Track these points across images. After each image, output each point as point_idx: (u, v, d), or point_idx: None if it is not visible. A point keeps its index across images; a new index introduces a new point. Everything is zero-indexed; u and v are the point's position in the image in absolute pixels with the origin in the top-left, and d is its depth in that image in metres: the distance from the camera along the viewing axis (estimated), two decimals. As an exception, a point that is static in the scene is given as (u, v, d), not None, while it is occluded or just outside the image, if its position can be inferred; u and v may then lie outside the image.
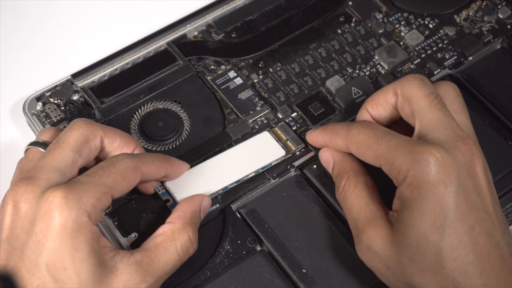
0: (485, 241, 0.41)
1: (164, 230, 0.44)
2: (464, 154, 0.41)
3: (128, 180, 0.43)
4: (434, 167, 0.40)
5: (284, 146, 0.51)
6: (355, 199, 0.44)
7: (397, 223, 0.42)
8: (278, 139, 0.52)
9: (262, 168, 0.50)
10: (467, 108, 0.44)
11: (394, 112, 0.46)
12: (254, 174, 0.50)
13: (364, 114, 0.47)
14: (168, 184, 0.48)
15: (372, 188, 0.45)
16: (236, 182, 0.49)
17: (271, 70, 0.56)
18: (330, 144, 0.47)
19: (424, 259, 0.40)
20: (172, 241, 0.44)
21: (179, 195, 0.48)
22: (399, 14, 0.59)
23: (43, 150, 0.45)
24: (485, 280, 0.40)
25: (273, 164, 0.50)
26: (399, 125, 0.47)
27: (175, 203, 0.48)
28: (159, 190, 0.48)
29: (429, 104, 0.44)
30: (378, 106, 0.46)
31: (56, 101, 0.54)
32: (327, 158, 0.48)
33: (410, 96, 0.44)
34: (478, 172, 0.42)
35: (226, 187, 0.49)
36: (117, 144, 0.45)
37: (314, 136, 0.48)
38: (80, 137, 0.43)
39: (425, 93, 0.44)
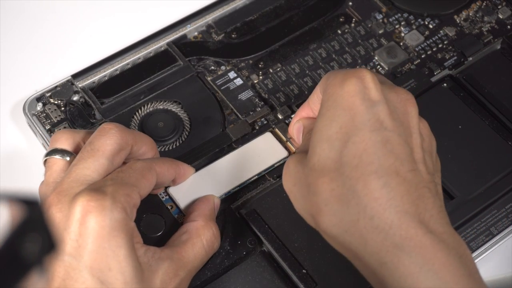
0: (396, 161, 0.38)
1: (188, 228, 0.45)
2: (400, 97, 0.41)
3: (147, 178, 0.43)
4: (357, 80, 0.40)
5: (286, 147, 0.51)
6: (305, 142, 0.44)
7: (311, 136, 0.41)
8: (279, 140, 0.52)
9: (265, 170, 0.50)
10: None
11: None
12: (257, 177, 0.50)
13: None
14: (171, 191, 0.48)
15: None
16: (239, 186, 0.49)
17: (271, 70, 0.56)
18: (305, 111, 0.47)
19: (324, 166, 0.38)
20: (198, 237, 0.44)
21: (182, 202, 0.48)
22: (399, 15, 0.59)
23: (61, 158, 0.44)
24: (387, 194, 0.37)
25: (276, 166, 0.50)
26: None
27: (178, 209, 0.48)
28: (162, 197, 0.48)
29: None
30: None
31: (56, 102, 0.54)
32: (299, 126, 0.47)
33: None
34: (410, 112, 0.40)
35: (229, 192, 0.49)
36: (142, 150, 0.45)
37: (292, 126, 0.49)
38: (116, 146, 0.43)
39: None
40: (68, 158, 0.44)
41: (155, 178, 0.44)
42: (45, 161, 0.45)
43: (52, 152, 0.44)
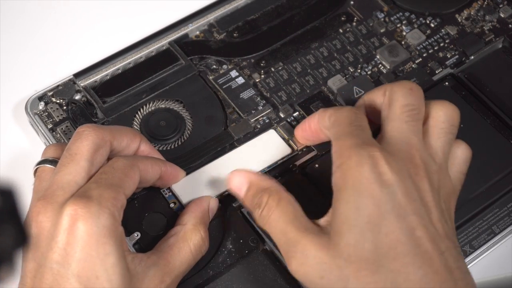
0: (428, 246, 0.38)
1: (176, 231, 0.45)
2: (409, 169, 0.40)
3: (131, 176, 0.43)
4: (372, 161, 0.39)
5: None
6: (281, 213, 0.41)
7: (332, 221, 0.39)
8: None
9: (268, 167, 0.50)
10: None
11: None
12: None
13: (360, 104, 0.46)
14: (174, 187, 0.48)
15: (297, 205, 0.42)
16: None
17: (272, 69, 0.56)
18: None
19: (361, 258, 0.38)
20: (185, 241, 0.44)
21: (185, 198, 0.48)
22: (401, 14, 0.59)
23: (51, 166, 0.44)
24: (427, 285, 0.37)
25: (279, 162, 0.50)
26: None
27: (181, 206, 0.48)
28: (166, 194, 0.48)
29: (399, 114, 0.42)
30: (372, 102, 0.45)
31: (58, 101, 0.54)
32: (240, 180, 0.44)
33: (391, 102, 0.43)
34: (422, 186, 0.40)
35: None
36: (124, 143, 0.45)
37: (301, 131, 0.49)
38: (92, 146, 0.42)
39: (403, 103, 0.42)
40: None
41: (139, 175, 0.44)
42: (35, 172, 0.45)
43: (42, 162, 0.45)
